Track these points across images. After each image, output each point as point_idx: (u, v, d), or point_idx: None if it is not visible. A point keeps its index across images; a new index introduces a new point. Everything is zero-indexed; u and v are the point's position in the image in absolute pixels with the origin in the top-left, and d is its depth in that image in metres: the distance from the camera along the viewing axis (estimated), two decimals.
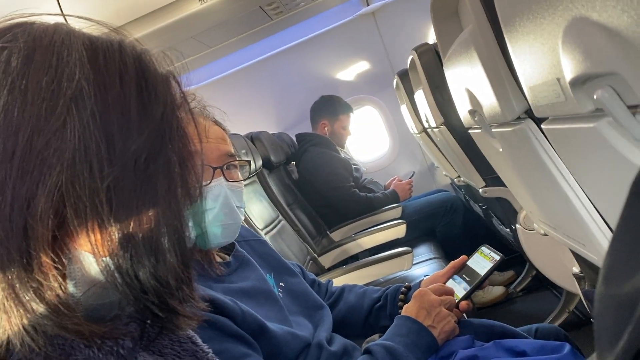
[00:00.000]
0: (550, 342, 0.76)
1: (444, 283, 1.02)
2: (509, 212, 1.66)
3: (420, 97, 1.85)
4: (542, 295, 2.28)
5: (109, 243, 0.36)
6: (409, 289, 1.09)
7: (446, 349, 0.85)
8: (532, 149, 0.73)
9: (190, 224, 0.43)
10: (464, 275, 1.02)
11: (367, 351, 0.86)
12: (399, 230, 2.33)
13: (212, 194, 0.89)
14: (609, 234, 0.68)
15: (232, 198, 0.91)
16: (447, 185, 3.25)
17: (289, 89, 3.33)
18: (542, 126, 0.56)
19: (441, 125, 1.71)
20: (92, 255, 0.37)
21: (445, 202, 2.70)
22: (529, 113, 0.73)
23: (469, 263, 1.04)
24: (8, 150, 0.34)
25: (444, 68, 1.13)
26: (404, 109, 2.50)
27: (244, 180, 0.98)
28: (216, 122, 0.98)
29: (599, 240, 0.70)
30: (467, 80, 0.90)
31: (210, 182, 0.89)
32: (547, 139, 0.70)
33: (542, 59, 0.47)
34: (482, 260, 1.01)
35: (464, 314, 0.97)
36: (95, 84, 0.37)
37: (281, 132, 3.03)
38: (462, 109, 1.03)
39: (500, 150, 0.89)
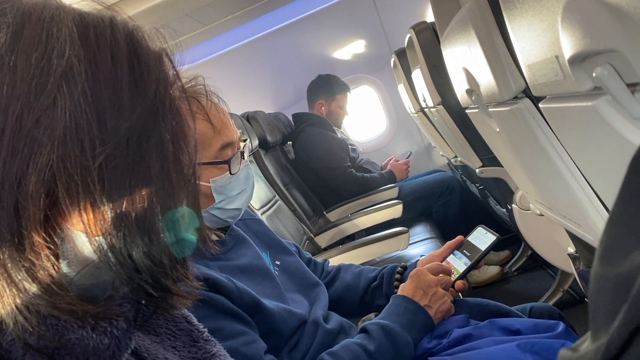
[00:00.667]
0: (544, 320, 0.77)
1: (443, 260, 1.03)
2: (505, 192, 1.66)
3: (417, 76, 1.84)
4: (537, 275, 2.30)
5: (102, 222, 0.36)
6: (405, 268, 1.09)
7: (441, 328, 0.86)
8: (528, 129, 0.73)
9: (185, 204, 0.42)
10: (464, 251, 1.02)
11: (364, 330, 0.87)
12: (396, 211, 2.33)
13: (242, 176, 0.94)
14: (605, 214, 0.68)
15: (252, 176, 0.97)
16: (444, 166, 3.24)
17: (285, 67, 3.30)
18: (540, 105, 0.56)
19: (438, 104, 1.70)
20: (84, 234, 0.36)
21: (442, 183, 2.70)
22: (526, 92, 0.72)
23: (469, 239, 1.05)
24: None
25: (441, 47, 1.12)
26: (402, 89, 2.49)
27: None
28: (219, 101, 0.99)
29: (594, 220, 0.70)
30: (465, 59, 0.89)
31: (240, 166, 0.93)
32: (544, 119, 0.70)
33: (541, 37, 0.46)
34: (481, 237, 1.01)
35: (460, 294, 0.98)
36: (86, 61, 0.37)
37: (277, 112, 3.01)
38: (460, 88, 1.02)
39: (497, 130, 0.89)
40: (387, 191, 2.66)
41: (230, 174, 0.91)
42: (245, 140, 0.99)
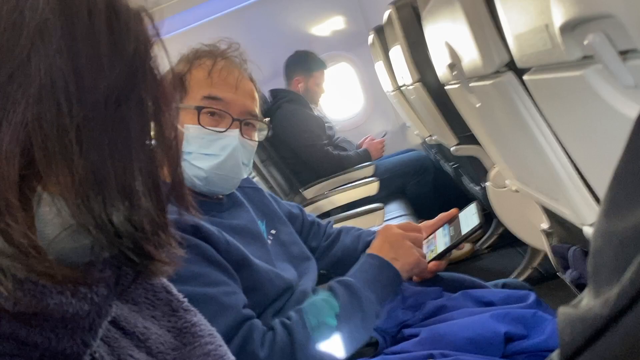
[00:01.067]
0: (515, 291, 0.79)
1: (433, 232, 1.03)
2: (479, 170, 1.69)
3: (395, 53, 1.83)
4: (507, 253, 2.35)
5: (80, 185, 0.34)
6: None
7: (415, 299, 0.87)
8: (510, 103, 0.73)
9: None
10: (451, 227, 1.01)
11: (329, 288, 0.88)
12: (372, 188, 2.35)
13: (222, 143, 0.91)
14: (584, 189, 0.70)
15: (240, 152, 0.93)
16: (418, 145, 3.27)
17: (262, 42, 3.23)
18: (525, 77, 0.56)
19: (417, 82, 1.70)
20: (62, 197, 0.35)
21: (417, 162, 2.73)
22: (509, 65, 0.72)
23: (459, 215, 1.03)
24: None
25: (422, 23, 1.11)
26: (379, 66, 2.48)
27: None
28: (251, 79, 0.99)
29: (572, 194, 0.71)
30: (447, 33, 0.88)
31: (225, 131, 0.91)
32: (527, 92, 0.70)
33: (530, 5, 0.46)
34: (469, 218, 0.98)
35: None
36: (61, 16, 0.35)
37: None
38: (440, 64, 1.02)
39: (478, 105, 0.89)
40: (363, 169, 2.67)
41: (200, 124, 0.90)
42: (259, 120, 0.98)
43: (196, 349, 0.53)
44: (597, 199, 0.70)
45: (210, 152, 0.91)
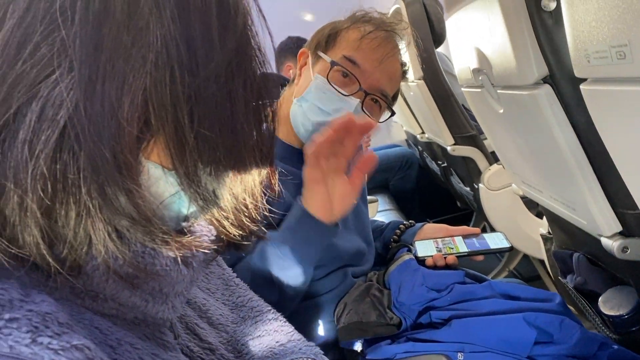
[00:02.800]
0: (542, 291, 0.83)
1: (450, 234, 1.07)
2: (473, 171, 1.74)
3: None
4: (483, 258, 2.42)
5: (189, 156, 0.35)
6: (406, 228, 1.14)
7: (437, 279, 0.89)
8: (540, 113, 0.76)
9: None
10: (474, 240, 1.05)
11: None
12: None
13: (338, 105, 0.92)
14: (605, 201, 0.74)
15: None
16: (401, 141, 3.31)
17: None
18: (582, 87, 0.59)
19: (419, 79, 1.73)
20: (172, 166, 0.35)
21: (402, 157, 2.77)
22: (545, 79, 0.75)
23: (485, 234, 1.07)
24: (90, 45, 0.31)
25: (446, 22, 1.13)
26: None
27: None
28: (401, 64, 1.00)
29: (592, 206, 0.75)
30: (479, 38, 0.91)
31: (347, 96, 0.92)
32: (562, 106, 0.73)
33: (609, 21, 0.49)
34: (496, 240, 1.03)
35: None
36: None
37: None
38: (463, 66, 1.04)
39: (501, 111, 0.92)
40: None
41: (327, 78, 0.91)
42: (386, 102, 0.98)
43: (259, 324, 0.54)
44: (616, 212, 0.74)
45: (324, 109, 0.92)
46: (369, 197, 1.93)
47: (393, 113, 1.03)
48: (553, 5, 0.69)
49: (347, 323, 0.85)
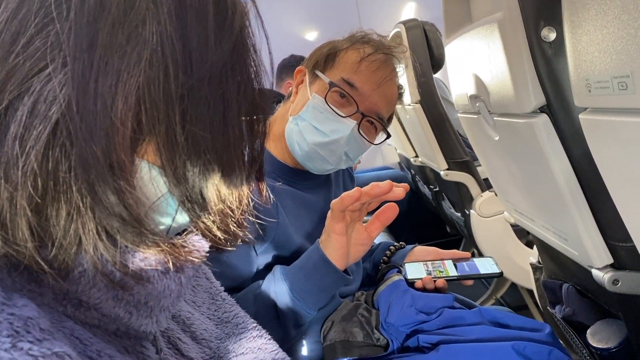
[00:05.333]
0: (532, 320, 0.82)
1: (440, 257, 1.07)
2: (465, 197, 1.74)
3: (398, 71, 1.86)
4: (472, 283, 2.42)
5: (179, 156, 0.34)
6: (396, 250, 1.13)
7: (426, 302, 0.88)
8: (536, 142, 0.77)
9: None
10: (464, 264, 1.06)
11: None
12: None
13: (335, 126, 0.92)
14: (597, 233, 0.74)
15: (347, 144, 0.94)
16: (394, 164, 3.33)
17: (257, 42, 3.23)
18: (581, 116, 0.59)
19: (416, 103, 1.74)
20: (160, 167, 0.35)
21: (395, 179, 2.73)
22: (542, 108, 0.76)
23: (475, 259, 1.08)
24: (85, 40, 0.30)
25: (445, 47, 1.14)
26: None
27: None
28: (398, 87, 1.01)
29: (584, 237, 0.75)
30: (477, 65, 0.92)
31: (344, 117, 0.92)
32: (558, 135, 0.74)
33: (612, 52, 0.49)
34: (485, 265, 1.05)
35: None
36: None
37: None
38: (460, 92, 1.05)
39: (496, 138, 0.93)
40: None
41: (324, 99, 0.91)
42: (382, 124, 0.99)
43: (242, 341, 0.53)
44: (608, 244, 0.74)
45: (320, 129, 0.92)
46: None
47: (389, 135, 1.04)
48: (553, 37, 0.70)
49: (334, 341, 0.84)
